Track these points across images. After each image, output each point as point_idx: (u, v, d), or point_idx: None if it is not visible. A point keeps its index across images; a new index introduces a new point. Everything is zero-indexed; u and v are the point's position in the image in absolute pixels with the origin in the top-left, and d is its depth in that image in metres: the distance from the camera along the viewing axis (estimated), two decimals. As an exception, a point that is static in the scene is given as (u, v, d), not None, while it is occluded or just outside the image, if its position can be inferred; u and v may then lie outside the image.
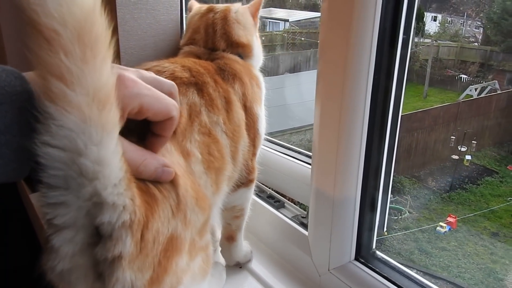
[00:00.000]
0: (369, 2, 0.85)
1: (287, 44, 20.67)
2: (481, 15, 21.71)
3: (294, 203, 1.38)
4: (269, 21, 24.37)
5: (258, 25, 1.35)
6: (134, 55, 1.20)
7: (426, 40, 20.14)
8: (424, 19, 23.02)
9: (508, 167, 12.33)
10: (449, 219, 9.79)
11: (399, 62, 0.97)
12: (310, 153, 1.25)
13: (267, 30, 23.46)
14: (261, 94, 1.24)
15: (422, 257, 9.34)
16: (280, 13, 25.88)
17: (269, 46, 20.60)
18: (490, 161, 12.71)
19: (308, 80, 13.17)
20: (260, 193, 1.38)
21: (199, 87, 0.96)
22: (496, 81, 15.33)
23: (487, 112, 12.81)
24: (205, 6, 1.35)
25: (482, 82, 15.57)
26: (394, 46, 0.92)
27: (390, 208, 10.33)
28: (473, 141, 11.29)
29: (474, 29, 24.39)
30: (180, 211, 0.72)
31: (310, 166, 1.17)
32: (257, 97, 1.19)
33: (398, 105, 1.05)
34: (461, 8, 24.38)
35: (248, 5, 1.37)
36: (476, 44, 21.72)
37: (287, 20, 23.11)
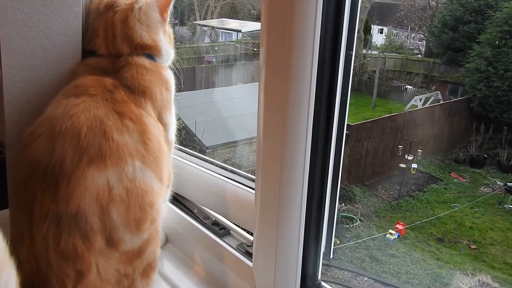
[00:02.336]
0: (308, 17, 0.81)
1: (239, 54, 20.78)
2: (423, 28, 22.86)
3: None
4: (222, 32, 24.41)
5: (168, 19, 1.24)
6: (20, 75, 1.08)
7: (374, 52, 20.93)
8: (371, 31, 23.90)
9: (451, 174, 12.93)
10: (398, 226, 10.08)
11: (342, 75, 0.93)
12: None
13: (220, 40, 23.49)
14: (171, 96, 1.19)
15: (373, 264, 9.53)
16: (232, 23, 26.01)
17: (222, 57, 20.62)
18: (435, 169, 13.29)
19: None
20: (204, 219, 1.30)
21: (115, 162, 0.94)
22: (439, 91, 16.11)
23: (431, 121, 13.41)
24: (105, 0, 1.21)
25: (426, 93, 16.31)
26: (336, 61, 0.88)
27: (342, 216, 10.52)
28: (419, 150, 11.75)
29: (417, 42, 25.63)
30: None
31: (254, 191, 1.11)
32: (166, 103, 1.14)
33: (342, 121, 1.00)
34: (405, 22, 25.54)
35: None
36: (419, 56, 22.81)
37: (240, 31, 23.25)
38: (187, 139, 10.06)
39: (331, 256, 1.12)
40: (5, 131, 1.06)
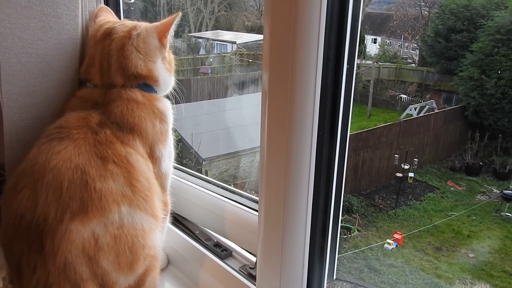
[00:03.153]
0: (312, 27, 0.81)
1: (235, 66, 20.84)
2: (416, 37, 23.06)
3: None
4: (217, 43, 24.53)
5: (167, 46, 1.21)
6: (19, 101, 1.08)
7: (368, 62, 21.06)
8: (365, 41, 24.08)
9: (448, 182, 12.96)
10: (396, 235, 10.06)
11: (344, 90, 0.94)
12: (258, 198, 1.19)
13: (215, 51, 23.58)
14: (167, 127, 1.17)
15: (371, 274, 9.49)
16: (227, 35, 26.14)
17: (217, 68, 20.68)
18: (431, 177, 13.31)
19: (259, 101, 13.28)
20: (206, 241, 1.28)
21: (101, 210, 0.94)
22: (433, 100, 16.21)
23: (427, 130, 13.46)
24: (104, 27, 1.18)
25: (421, 102, 16.41)
26: (338, 84, 0.88)
27: (340, 227, 10.51)
28: (415, 159, 11.78)
29: (411, 51, 25.84)
30: None
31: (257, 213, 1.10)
32: (160, 136, 1.13)
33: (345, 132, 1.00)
34: (398, 31, 25.77)
35: (156, 24, 1.21)
36: (413, 65, 22.99)
37: (235, 42, 23.36)
38: (184, 151, 10.05)
39: (334, 277, 1.11)
40: (5, 156, 1.05)
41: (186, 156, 9.84)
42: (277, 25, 0.86)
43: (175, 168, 1.39)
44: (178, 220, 1.37)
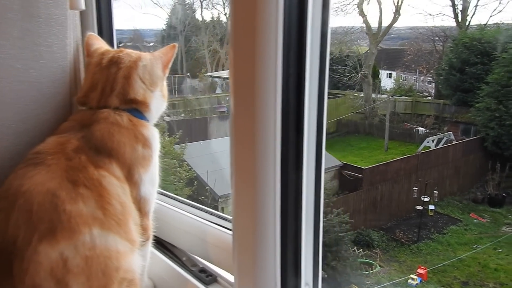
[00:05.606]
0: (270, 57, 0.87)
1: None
2: (431, 71, 23.11)
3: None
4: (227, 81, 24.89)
5: (167, 74, 1.26)
6: (12, 128, 1.14)
7: (383, 96, 21.11)
8: (380, 76, 24.23)
9: (470, 214, 12.60)
10: (420, 270, 9.74)
11: (317, 115, 0.97)
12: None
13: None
14: (151, 152, 1.16)
15: (396, 312, 9.16)
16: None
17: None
18: (453, 209, 12.97)
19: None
20: (192, 267, 1.31)
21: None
22: (451, 132, 16.03)
23: (446, 162, 13.27)
24: (108, 55, 1.21)
25: (438, 134, 16.25)
26: (300, 104, 0.92)
27: (360, 262, 10.23)
28: (434, 191, 11.55)
29: (427, 84, 25.81)
30: None
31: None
32: (142, 161, 1.14)
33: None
34: (413, 66, 25.88)
35: (159, 55, 1.25)
36: (429, 98, 22.91)
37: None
38: (199, 188, 10.08)
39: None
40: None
41: (201, 194, 9.87)
42: (239, 52, 0.92)
43: (161, 193, 1.42)
44: (165, 247, 1.40)
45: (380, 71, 26.04)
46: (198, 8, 33.69)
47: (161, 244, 1.41)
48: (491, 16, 20.76)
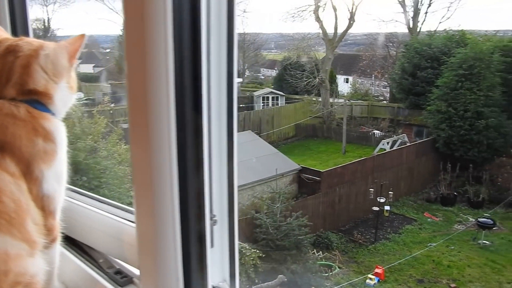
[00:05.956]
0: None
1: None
2: (386, 76, 23.83)
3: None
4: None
5: (74, 65, 1.19)
6: None
7: (340, 100, 21.59)
8: (337, 81, 24.73)
9: (424, 214, 13.03)
10: (377, 270, 9.93)
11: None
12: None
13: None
14: (55, 147, 1.10)
15: (354, 312, 9.31)
16: (202, 80, 26.51)
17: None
18: (408, 209, 13.38)
19: (242, 139, 13.36)
20: (108, 269, 1.25)
21: None
22: (405, 134, 16.59)
23: (400, 163, 13.68)
24: (6, 43, 1.13)
25: (393, 136, 16.79)
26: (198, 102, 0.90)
27: (320, 265, 10.34)
28: (390, 192, 11.86)
29: (382, 89, 26.64)
30: None
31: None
32: (43, 155, 1.05)
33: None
34: (368, 70, 26.66)
35: (65, 44, 1.17)
36: (385, 102, 23.63)
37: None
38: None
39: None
40: None
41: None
42: (131, 54, 0.89)
43: (78, 192, 1.36)
44: (82, 249, 1.34)
45: (337, 76, 26.67)
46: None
47: (77, 246, 1.35)
48: (440, 22, 21.65)
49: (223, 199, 1.04)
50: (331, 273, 9.91)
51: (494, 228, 11.39)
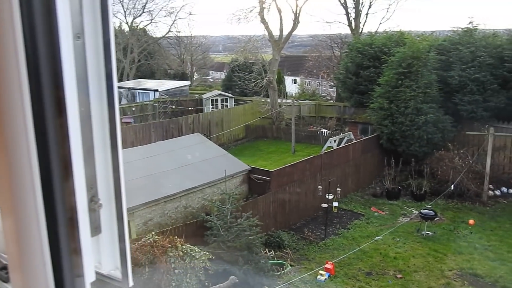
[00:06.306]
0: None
1: (158, 113, 20.69)
2: (331, 76, 24.44)
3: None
4: (139, 92, 24.26)
5: None
6: None
7: (288, 101, 21.89)
8: (284, 81, 25.06)
9: (371, 208, 13.45)
10: (327, 265, 10.11)
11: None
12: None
13: (138, 100, 23.29)
14: None
15: (307, 308, 9.41)
16: (149, 83, 26.02)
17: (140, 116, 20.38)
18: (356, 205, 13.75)
19: (182, 145, 13.16)
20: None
21: None
22: (351, 132, 17.07)
23: (347, 160, 14.05)
24: None
25: (340, 134, 17.25)
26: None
27: (272, 264, 10.39)
28: (337, 189, 12.13)
29: (329, 88, 27.31)
30: None
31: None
32: None
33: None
34: (315, 71, 27.25)
35: None
36: (331, 101, 24.23)
37: (157, 90, 23.29)
38: (102, 203, 9.51)
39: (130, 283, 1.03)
40: None
41: (105, 208, 9.34)
42: None
43: None
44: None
45: (284, 77, 27.09)
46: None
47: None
48: (380, 23, 22.56)
49: (110, 184, 0.99)
50: (283, 271, 9.95)
51: (435, 219, 11.93)
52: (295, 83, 29.17)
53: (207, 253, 7.83)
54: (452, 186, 12.84)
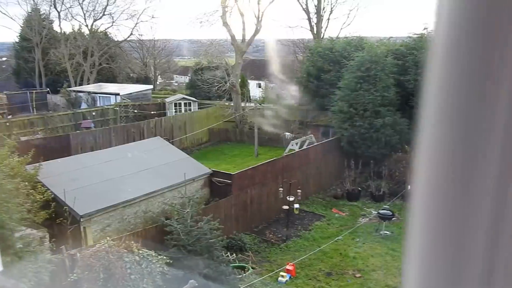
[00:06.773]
0: None
1: (120, 117, 20.29)
2: (294, 80, 24.71)
3: None
4: (99, 96, 23.74)
5: None
6: None
7: (251, 104, 21.97)
8: (248, 85, 25.15)
9: (332, 210, 13.66)
10: (288, 267, 10.19)
11: None
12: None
13: (98, 104, 22.78)
14: None
15: (268, 311, 9.45)
16: (110, 87, 25.50)
17: (101, 121, 19.92)
18: (317, 206, 13.92)
19: (142, 149, 12.95)
20: None
21: None
22: (312, 135, 17.31)
23: (308, 162, 14.21)
24: None
25: (302, 137, 17.45)
26: None
27: (233, 267, 10.35)
28: (298, 190, 12.25)
29: (292, 93, 27.56)
30: None
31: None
32: None
33: None
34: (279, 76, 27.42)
35: None
36: (295, 105, 24.47)
37: (118, 94, 22.87)
38: (57, 210, 9.25)
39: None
40: None
41: (60, 215, 9.07)
42: None
43: None
44: None
45: (248, 81, 27.17)
46: (56, 19, 31.45)
47: None
48: (341, 28, 23.04)
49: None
50: (244, 274, 9.95)
51: (393, 219, 12.25)
52: (259, 87, 29.31)
53: (165, 258, 7.74)
54: (409, 186, 13.19)
